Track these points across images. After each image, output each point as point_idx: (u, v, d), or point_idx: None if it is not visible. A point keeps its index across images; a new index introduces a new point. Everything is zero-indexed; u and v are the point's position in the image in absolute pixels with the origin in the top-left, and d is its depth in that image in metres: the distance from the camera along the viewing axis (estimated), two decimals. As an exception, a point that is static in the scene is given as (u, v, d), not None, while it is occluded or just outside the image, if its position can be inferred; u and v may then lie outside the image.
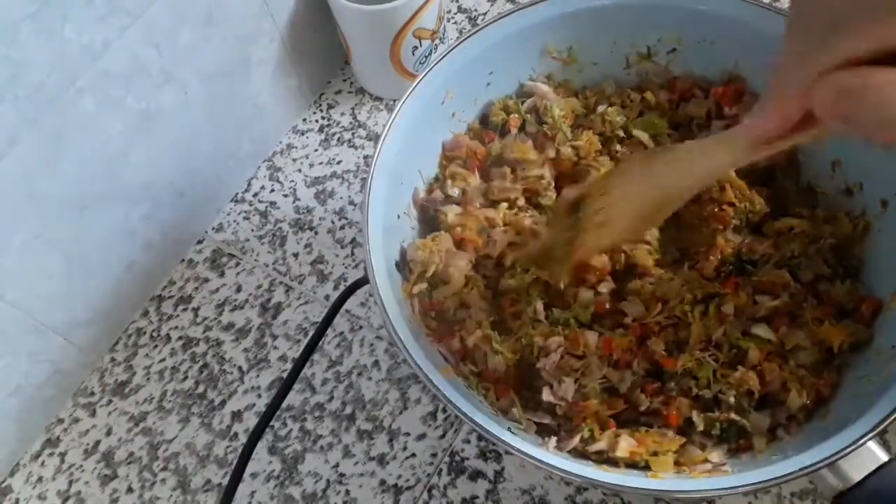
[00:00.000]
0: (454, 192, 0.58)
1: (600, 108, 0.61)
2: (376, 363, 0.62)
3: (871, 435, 0.40)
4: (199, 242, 0.70)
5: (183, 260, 0.70)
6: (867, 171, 0.53)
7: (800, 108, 0.33)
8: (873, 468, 0.41)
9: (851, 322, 0.51)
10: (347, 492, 0.58)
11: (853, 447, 0.40)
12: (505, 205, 0.58)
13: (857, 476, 0.41)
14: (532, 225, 0.56)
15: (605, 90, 0.62)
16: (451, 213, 0.57)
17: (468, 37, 0.56)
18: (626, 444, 0.47)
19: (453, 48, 0.56)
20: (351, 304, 0.61)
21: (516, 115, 0.60)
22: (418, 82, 0.55)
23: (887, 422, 0.41)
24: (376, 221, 0.51)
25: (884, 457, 0.41)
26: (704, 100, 0.60)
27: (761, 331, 0.51)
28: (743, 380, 0.49)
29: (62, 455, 0.62)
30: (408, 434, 0.59)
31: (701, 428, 0.48)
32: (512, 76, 0.61)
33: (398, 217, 0.55)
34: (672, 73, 0.61)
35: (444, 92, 0.57)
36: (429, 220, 0.58)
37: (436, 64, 0.55)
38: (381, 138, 0.53)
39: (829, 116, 0.31)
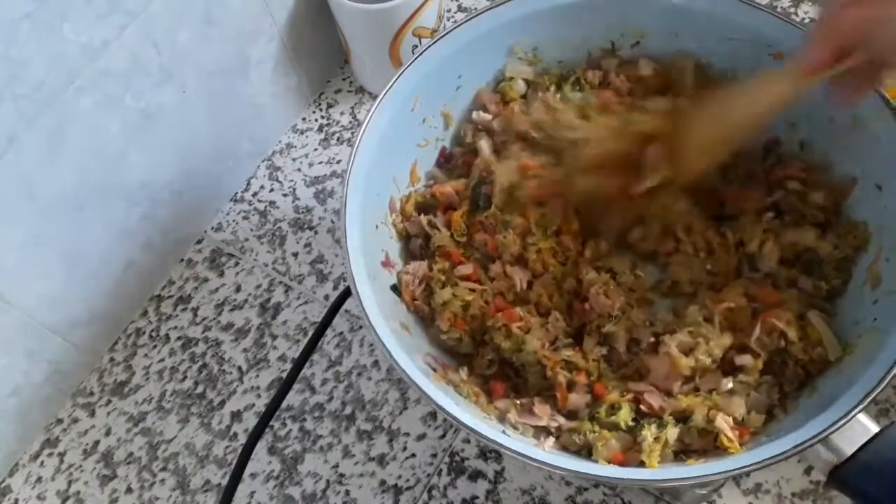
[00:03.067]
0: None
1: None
2: (376, 363, 0.62)
3: (860, 407, 0.41)
4: (199, 242, 0.70)
5: (182, 260, 0.69)
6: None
7: (836, 37, 0.42)
8: (865, 440, 0.42)
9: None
10: (347, 492, 0.58)
11: (844, 420, 0.41)
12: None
13: (849, 449, 0.42)
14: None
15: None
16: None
17: (434, 42, 0.57)
18: (615, 446, 0.48)
19: (419, 55, 0.56)
20: (350, 303, 0.60)
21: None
22: (386, 91, 0.55)
23: (874, 393, 0.41)
24: (353, 234, 0.51)
25: (874, 428, 0.42)
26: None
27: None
28: None
29: (61, 455, 0.62)
30: (408, 434, 0.59)
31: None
32: (480, 78, 0.61)
33: (376, 227, 0.55)
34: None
35: (413, 98, 0.57)
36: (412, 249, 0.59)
37: (403, 71, 0.56)
38: (353, 149, 0.53)
39: (856, 38, 0.41)
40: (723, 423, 0.47)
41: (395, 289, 0.55)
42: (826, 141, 0.55)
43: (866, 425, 0.42)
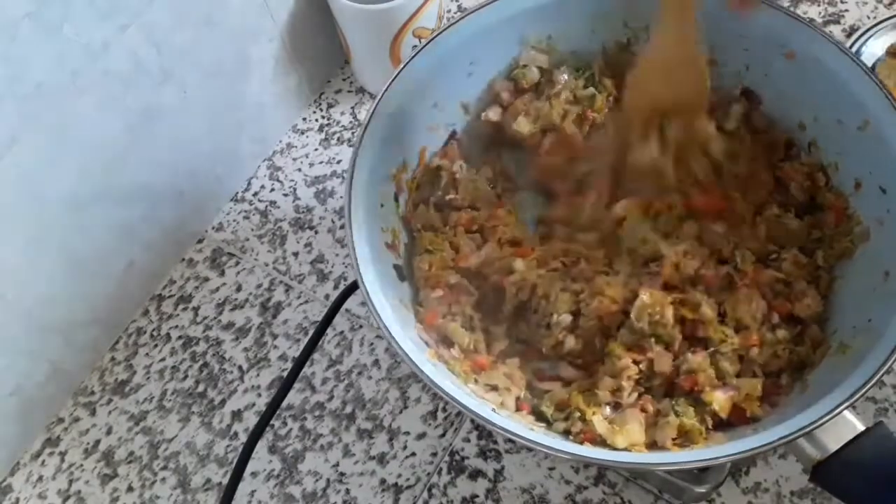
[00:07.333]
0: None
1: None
2: (376, 362, 0.62)
3: (846, 405, 0.41)
4: (199, 242, 0.70)
5: (183, 259, 0.70)
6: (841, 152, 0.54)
7: None
8: (850, 438, 0.42)
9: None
10: (347, 491, 0.58)
11: (829, 417, 0.41)
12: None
13: (834, 446, 0.42)
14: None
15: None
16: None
17: (446, 28, 0.56)
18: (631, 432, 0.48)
19: (431, 40, 0.56)
20: (351, 303, 0.60)
21: None
22: (399, 72, 0.55)
23: (862, 392, 0.41)
24: (358, 213, 0.51)
25: (860, 426, 0.42)
26: None
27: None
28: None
29: (62, 454, 0.62)
30: (408, 433, 0.59)
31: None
32: (493, 66, 0.61)
33: (381, 206, 0.55)
34: None
35: (424, 82, 0.57)
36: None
37: (416, 55, 0.55)
38: (363, 127, 0.52)
39: None
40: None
41: (398, 268, 0.55)
42: (833, 143, 0.55)
43: (852, 423, 0.42)
